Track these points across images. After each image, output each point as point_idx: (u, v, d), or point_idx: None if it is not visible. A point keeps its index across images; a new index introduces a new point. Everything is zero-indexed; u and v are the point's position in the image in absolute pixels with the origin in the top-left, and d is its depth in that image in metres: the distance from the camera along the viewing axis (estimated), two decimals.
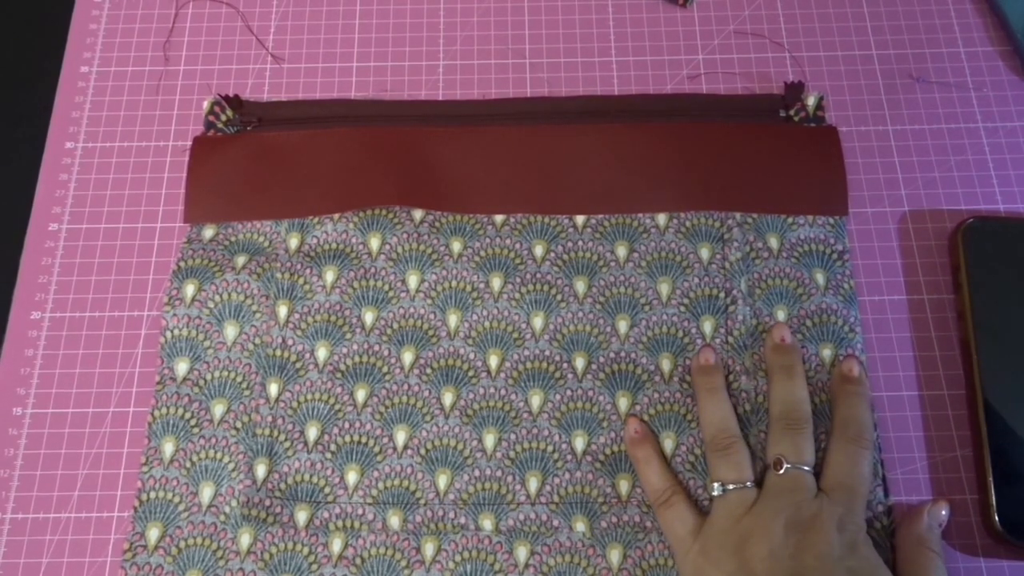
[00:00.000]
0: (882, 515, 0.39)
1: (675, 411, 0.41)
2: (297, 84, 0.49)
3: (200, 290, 0.43)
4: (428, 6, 0.50)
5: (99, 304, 0.44)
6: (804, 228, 0.44)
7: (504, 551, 0.39)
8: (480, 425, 0.41)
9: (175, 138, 0.48)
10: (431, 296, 0.43)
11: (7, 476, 0.42)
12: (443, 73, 0.49)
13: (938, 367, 0.42)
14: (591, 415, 0.41)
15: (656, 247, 0.44)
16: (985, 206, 0.45)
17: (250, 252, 0.44)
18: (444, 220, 0.44)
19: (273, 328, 0.42)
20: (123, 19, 0.50)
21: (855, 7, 0.50)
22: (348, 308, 0.43)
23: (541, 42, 0.49)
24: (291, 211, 0.45)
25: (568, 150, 0.46)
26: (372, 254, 0.44)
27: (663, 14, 0.50)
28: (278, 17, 0.50)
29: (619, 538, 0.39)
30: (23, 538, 0.41)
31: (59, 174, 0.47)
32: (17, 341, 0.44)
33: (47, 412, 0.43)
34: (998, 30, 0.49)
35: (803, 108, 0.47)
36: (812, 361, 0.41)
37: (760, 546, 0.35)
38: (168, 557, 0.39)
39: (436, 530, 0.40)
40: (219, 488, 0.40)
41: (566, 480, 0.40)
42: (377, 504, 0.40)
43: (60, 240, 0.46)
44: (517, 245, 0.44)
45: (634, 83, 0.48)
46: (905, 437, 0.41)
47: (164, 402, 0.42)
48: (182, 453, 0.41)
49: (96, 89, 0.49)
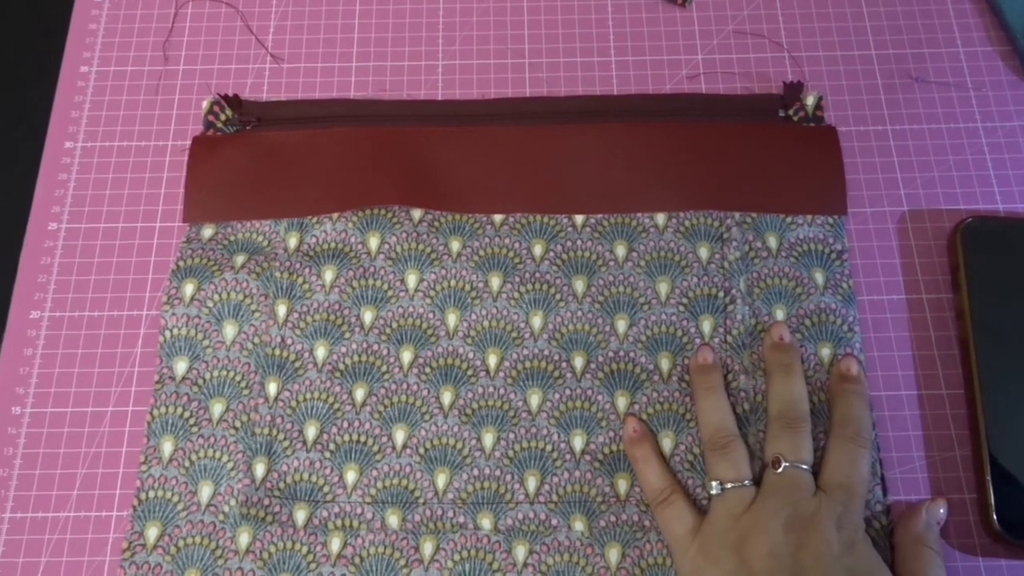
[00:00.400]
0: (881, 514, 0.39)
1: (674, 410, 0.41)
2: (297, 84, 0.49)
3: (199, 289, 0.43)
4: (428, 6, 0.50)
5: (98, 303, 0.45)
6: (803, 228, 0.44)
7: (503, 550, 0.39)
8: (479, 424, 0.41)
9: (174, 138, 0.48)
10: (430, 295, 0.43)
11: (6, 475, 0.42)
12: (442, 73, 0.49)
13: (937, 367, 0.43)
14: (590, 414, 0.41)
15: (655, 246, 0.44)
16: (984, 206, 0.45)
17: (249, 251, 0.44)
18: (443, 220, 0.45)
19: (272, 327, 0.42)
20: (123, 19, 0.51)
21: (855, 7, 0.50)
22: (347, 307, 0.43)
23: (540, 42, 0.49)
24: (290, 211, 0.45)
25: (567, 150, 0.46)
26: (371, 253, 0.44)
27: (663, 14, 0.50)
28: (278, 17, 0.50)
29: (618, 537, 0.39)
30: (22, 537, 0.41)
31: (58, 173, 0.47)
32: (16, 340, 0.44)
33: (46, 411, 0.43)
34: (998, 30, 0.49)
35: (802, 108, 0.47)
36: (811, 360, 0.41)
37: (759, 545, 0.36)
38: (167, 556, 0.39)
39: (435, 529, 0.40)
40: (218, 487, 0.40)
41: (565, 479, 0.40)
42: (376, 503, 0.40)
43: (59, 239, 0.46)
44: (516, 244, 0.44)
45: (633, 83, 0.48)
46: (904, 436, 0.41)
47: (163, 401, 0.42)
48: (181, 452, 0.41)
49: (96, 89, 0.49)
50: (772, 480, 0.38)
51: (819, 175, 0.45)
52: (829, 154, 0.45)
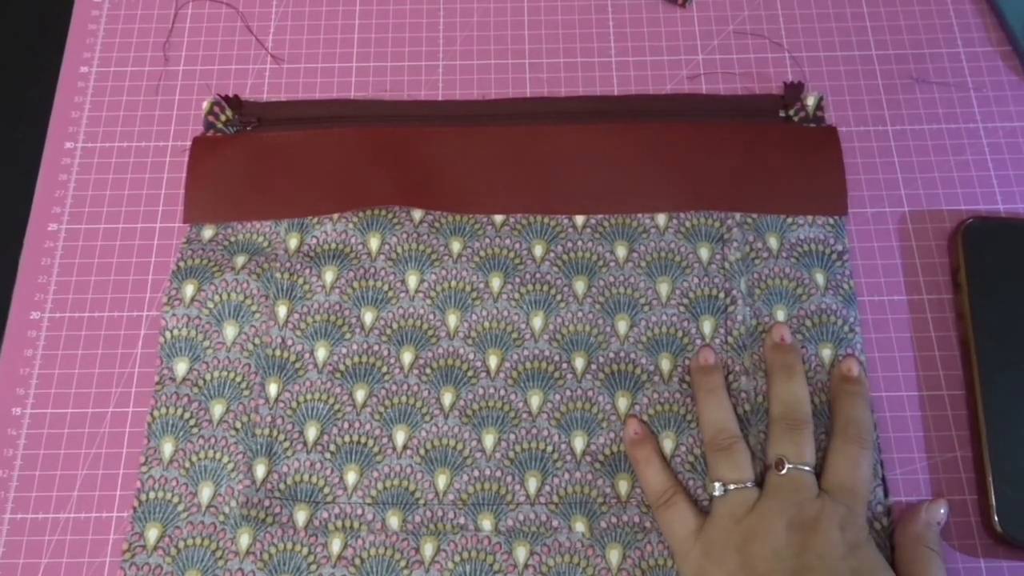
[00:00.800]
0: (882, 515, 0.39)
1: (675, 411, 0.41)
2: (297, 84, 0.49)
3: (199, 290, 0.43)
4: (428, 7, 0.50)
5: (98, 304, 0.45)
6: (804, 228, 0.44)
7: (503, 551, 0.39)
8: (479, 425, 0.41)
9: (175, 138, 0.48)
10: (431, 296, 0.43)
11: (6, 476, 0.42)
12: (443, 74, 0.49)
13: (937, 367, 0.43)
14: (590, 415, 0.41)
15: (656, 247, 0.44)
16: (985, 206, 0.45)
17: (249, 252, 0.44)
18: (443, 220, 0.45)
19: (272, 328, 0.43)
20: (123, 19, 0.51)
21: (855, 7, 0.50)
22: (347, 308, 0.43)
23: (541, 42, 0.49)
24: (290, 211, 0.45)
25: (568, 150, 0.46)
26: (371, 254, 0.44)
27: (663, 14, 0.50)
28: (278, 17, 0.50)
29: (618, 538, 0.39)
30: (22, 538, 0.41)
31: (59, 174, 0.47)
32: (16, 341, 0.44)
33: (46, 412, 0.43)
34: (998, 30, 0.49)
35: (803, 108, 0.47)
36: (812, 361, 0.41)
37: (763, 546, 0.36)
38: (167, 557, 0.39)
39: (435, 530, 0.40)
40: (218, 488, 0.40)
41: (565, 480, 0.40)
42: (376, 504, 0.40)
43: (59, 240, 0.46)
44: (517, 245, 0.44)
45: (634, 83, 0.48)
46: (905, 437, 0.41)
47: (163, 402, 0.42)
48: (181, 453, 0.41)
49: (96, 89, 0.49)
50: (775, 481, 0.38)
51: (820, 175, 0.45)
52: (830, 154, 0.45)
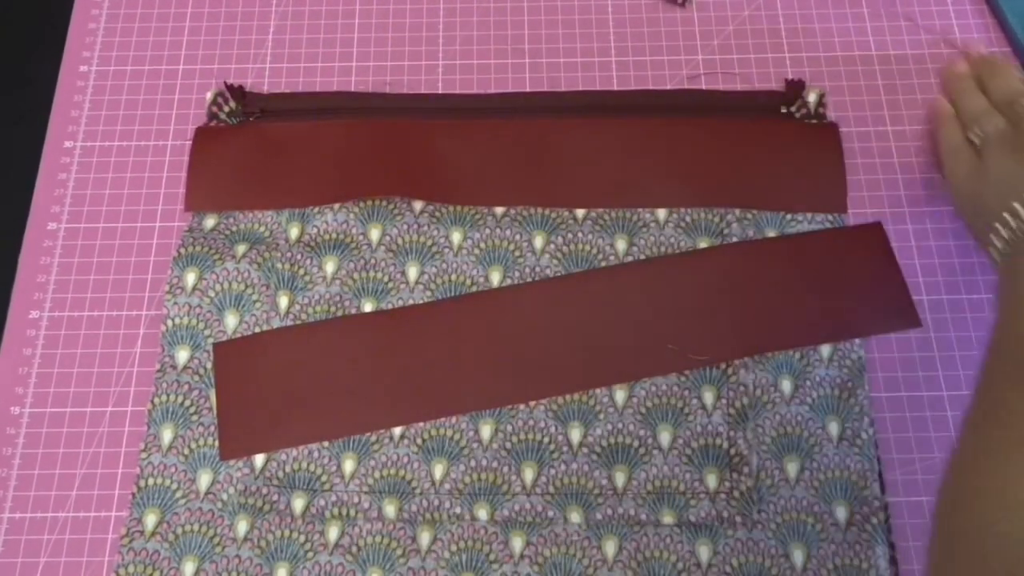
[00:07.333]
0: (878, 511, 0.39)
1: (672, 404, 0.42)
2: (296, 84, 0.49)
3: (201, 279, 0.44)
4: (428, 5, 0.51)
5: (97, 303, 0.45)
6: (803, 225, 0.45)
7: (499, 541, 0.40)
8: (476, 415, 0.42)
9: (174, 137, 0.48)
10: (430, 288, 0.44)
11: (5, 475, 0.42)
12: (442, 72, 0.50)
13: (937, 368, 0.43)
14: (588, 407, 0.42)
15: (655, 241, 0.44)
16: None
17: (250, 241, 0.45)
18: (444, 210, 0.45)
19: (274, 318, 0.43)
20: (122, 18, 0.51)
21: (855, 7, 0.50)
22: (348, 299, 0.44)
23: (541, 42, 0.50)
24: (292, 201, 0.46)
25: (569, 144, 0.46)
26: (372, 245, 0.45)
27: (663, 14, 0.51)
28: (278, 17, 0.51)
29: (614, 530, 0.40)
30: (20, 537, 0.41)
31: (58, 173, 0.48)
32: (15, 340, 0.45)
33: (45, 411, 0.43)
34: (998, 30, 0.50)
35: (804, 105, 0.47)
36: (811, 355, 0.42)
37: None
38: (165, 543, 0.40)
39: (432, 519, 0.40)
40: (217, 475, 0.41)
41: (562, 471, 0.41)
42: (373, 493, 0.41)
43: (59, 239, 0.46)
44: (517, 236, 0.45)
45: (634, 83, 0.49)
46: (904, 438, 0.42)
47: (164, 389, 0.42)
48: (181, 440, 0.42)
49: (95, 88, 0.50)
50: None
51: (820, 172, 0.46)
52: (830, 151, 0.46)
